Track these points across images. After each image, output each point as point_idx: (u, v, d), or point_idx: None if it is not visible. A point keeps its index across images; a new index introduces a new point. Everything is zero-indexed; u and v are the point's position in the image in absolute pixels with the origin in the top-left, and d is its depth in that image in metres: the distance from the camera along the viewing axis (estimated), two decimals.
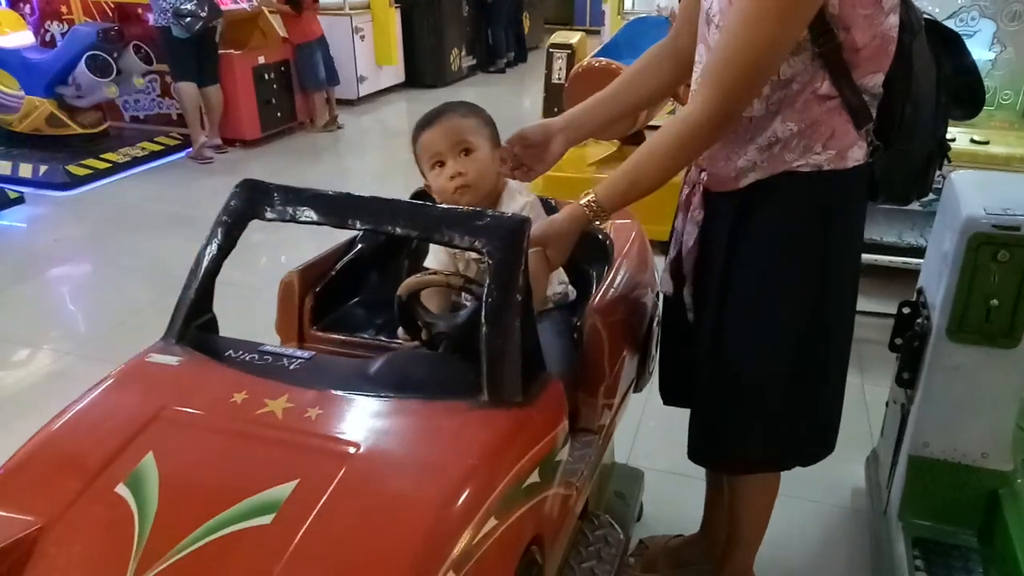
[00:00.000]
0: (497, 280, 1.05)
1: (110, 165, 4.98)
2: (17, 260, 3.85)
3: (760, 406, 1.37)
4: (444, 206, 1.18)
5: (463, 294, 1.33)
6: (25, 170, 4.79)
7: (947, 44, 1.32)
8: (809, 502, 2.10)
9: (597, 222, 1.27)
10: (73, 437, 1.01)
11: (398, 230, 1.12)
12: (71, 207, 4.57)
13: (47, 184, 4.70)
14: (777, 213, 1.26)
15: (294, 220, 1.14)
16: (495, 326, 1.04)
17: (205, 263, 1.16)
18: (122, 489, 0.91)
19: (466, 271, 1.40)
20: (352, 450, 0.95)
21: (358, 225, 1.15)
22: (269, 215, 1.15)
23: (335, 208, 1.14)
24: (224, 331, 1.25)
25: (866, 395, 2.47)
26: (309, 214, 1.14)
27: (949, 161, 1.42)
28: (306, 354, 1.15)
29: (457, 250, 1.35)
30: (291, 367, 1.11)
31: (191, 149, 5.30)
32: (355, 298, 1.61)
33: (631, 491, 1.93)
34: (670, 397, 1.60)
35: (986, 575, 1.63)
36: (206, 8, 4.82)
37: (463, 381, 1.06)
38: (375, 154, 6.05)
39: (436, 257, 1.45)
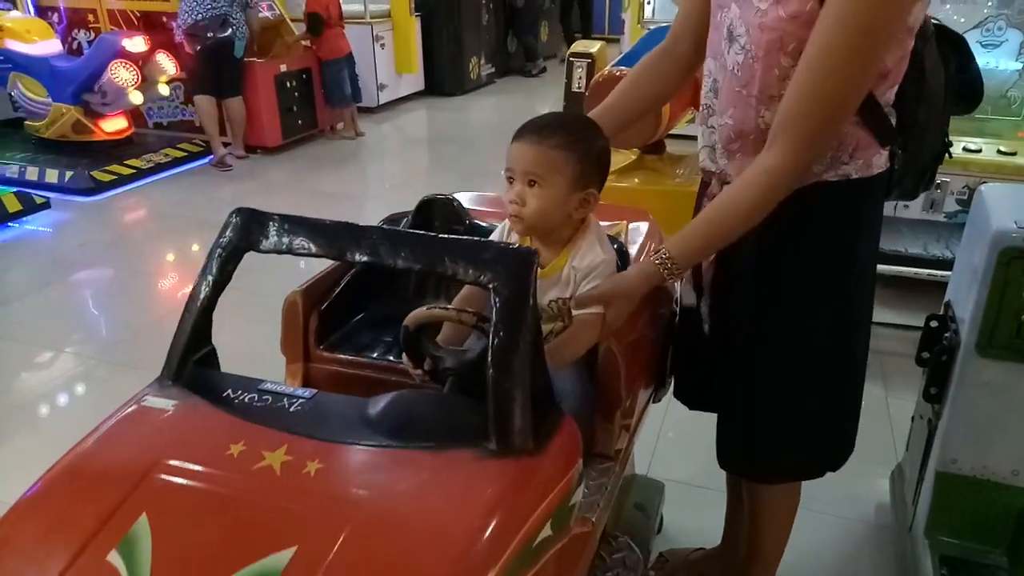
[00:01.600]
0: (504, 318, 0.99)
1: (134, 171, 5.04)
2: (42, 264, 3.90)
3: (793, 412, 1.37)
4: (446, 237, 1.10)
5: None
6: (51, 176, 4.86)
7: (952, 46, 1.32)
8: (833, 517, 2.07)
9: (671, 280, 1.21)
10: (66, 496, 0.97)
11: (399, 263, 1.06)
12: (96, 212, 4.63)
13: (72, 190, 4.77)
14: (808, 224, 1.25)
15: (290, 252, 1.09)
16: (502, 369, 0.98)
17: (200, 298, 1.11)
18: (114, 556, 0.87)
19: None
20: (353, 511, 0.90)
21: (357, 258, 1.07)
22: (265, 245, 1.10)
23: (333, 239, 1.09)
24: (232, 343, 1.21)
25: (890, 408, 2.43)
26: (306, 246, 1.09)
27: (951, 156, 1.41)
28: (307, 393, 1.09)
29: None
30: (291, 409, 1.06)
31: (213, 156, 5.35)
32: (360, 314, 1.56)
33: (651, 503, 1.91)
34: (692, 403, 1.59)
35: None
36: (217, 29, 4.91)
37: (471, 425, 1.00)
38: (394, 161, 6.08)
39: (466, 292, 1.34)
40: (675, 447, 2.30)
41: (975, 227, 1.67)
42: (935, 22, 1.28)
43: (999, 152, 2.94)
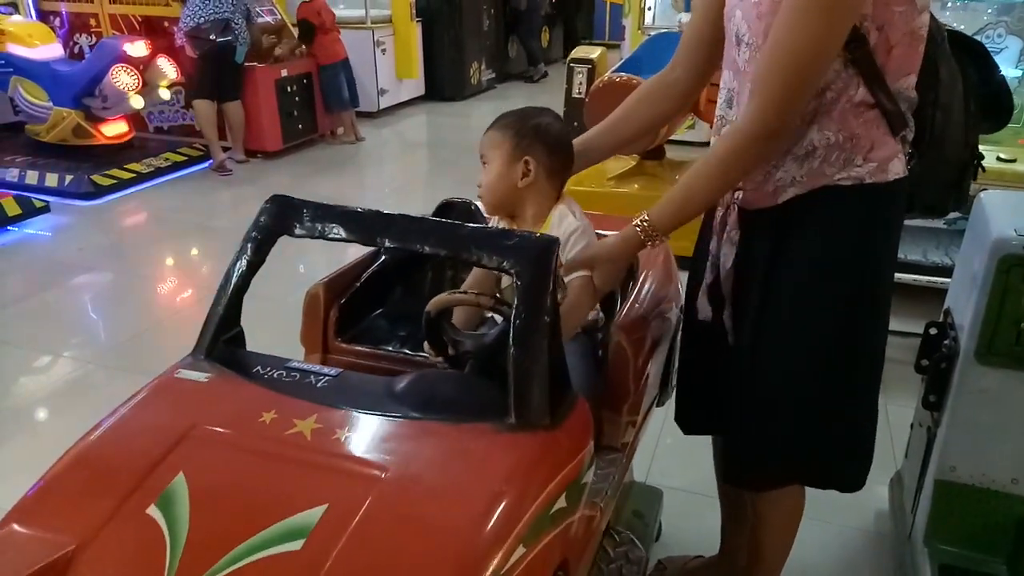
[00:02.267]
0: (525, 301, 1.04)
1: (134, 175, 5.04)
2: (42, 268, 3.90)
3: (804, 424, 1.36)
4: (471, 225, 1.17)
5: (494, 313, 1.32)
6: (51, 179, 4.86)
7: (972, 55, 1.32)
8: (831, 525, 2.06)
9: (650, 244, 1.26)
10: (105, 455, 1.01)
11: (427, 248, 1.12)
12: (95, 217, 4.63)
13: (72, 194, 4.77)
14: (819, 228, 1.24)
15: (323, 237, 1.15)
16: (523, 347, 1.03)
17: (234, 279, 1.16)
18: (153, 511, 0.91)
19: (505, 293, 1.38)
20: (380, 474, 0.94)
21: (387, 243, 1.14)
22: (299, 231, 1.16)
23: (364, 226, 1.15)
24: (247, 341, 1.24)
25: (889, 416, 2.42)
26: (338, 231, 1.14)
27: (983, 170, 1.41)
28: (333, 371, 1.14)
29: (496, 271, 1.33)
30: (319, 384, 1.10)
31: (212, 161, 5.36)
32: (379, 310, 1.61)
33: (650, 510, 1.90)
34: (693, 426, 1.58)
35: None
36: (217, 34, 4.91)
37: (490, 402, 1.05)
38: (395, 166, 6.09)
39: (475, 278, 1.44)
40: (674, 455, 2.29)
41: (975, 234, 1.67)
42: (950, 28, 1.28)
43: (999, 159, 2.94)
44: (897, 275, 2.73)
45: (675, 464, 2.24)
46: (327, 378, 1.12)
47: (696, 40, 1.40)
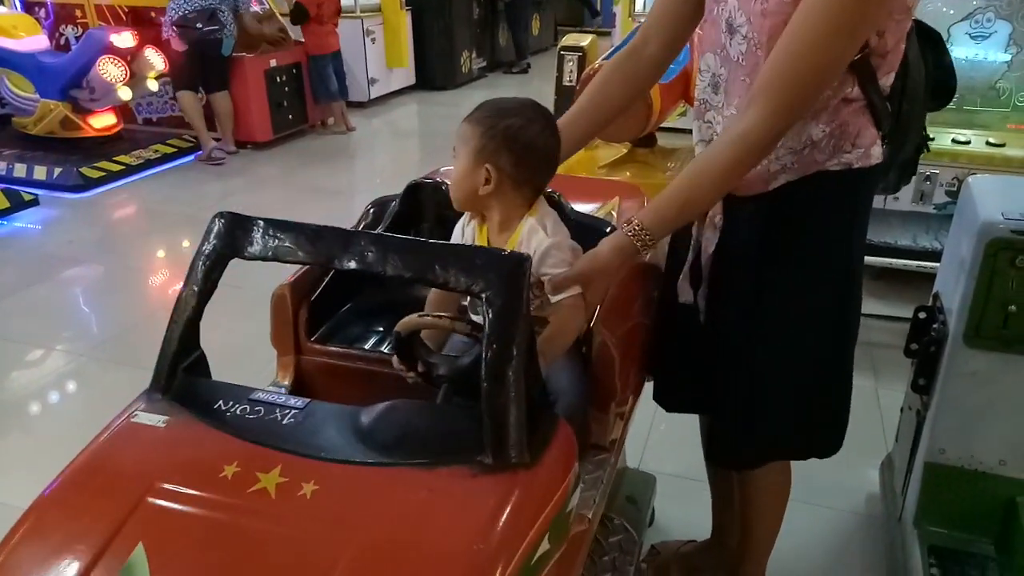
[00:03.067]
0: (497, 329, 0.98)
1: (123, 167, 5.01)
2: (31, 262, 3.88)
3: (792, 401, 1.38)
4: (436, 243, 1.09)
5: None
6: (39, 172, 4.83)
7: (929, 42, 1.34)
8: (823, 508, 2.08)
9: (645, 252, 1.19)
10: (62, 525, 0.96)
11: (388, 270, 1.04)
12: (85, 209, 4.60)
13: (61, 186, 4.74)
14: (810, 213, 1.26)
15: (276, 259, 1.08)
16: (497, 382, 0.97)
17: (185, 309, 1.10)
18: None
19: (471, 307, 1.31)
20: (350, 537, 0.90)
21: (345, 265, 1.06)
22: (249, 252, 1.09)
23: (320, 245, 1.07)
24: (222, 339, 1.19)
25: (880, 400, 2.44)
26: (292, 252, 1.07)
27: (928, 150, 1.43)
28: (300, 403, 1.08)
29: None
30: (284, 421, 1.05)
31: (201, 152, 5.33)
32: (349, 304, 1.56)
33: (643, 496, 1.92)
34: (674, 404, 1.58)
35: None
36: (204, 24, 4.87)
37: (465, 437, 1.00)
38: (385, 156, 6.07)
39: (433, 297, 1.35)
40: (666, 440, 2.30)
41: (962, 218, 1.68)
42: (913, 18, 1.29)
43: (988, 144, 2.95)
44: (888, 260, 2.80)
45: (668, 450, 2.26)
46: (293, 412, 1.06)
47: (670, 14, 1.37)
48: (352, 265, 1.05)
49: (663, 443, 2.29)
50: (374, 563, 0.88)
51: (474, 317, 1.22)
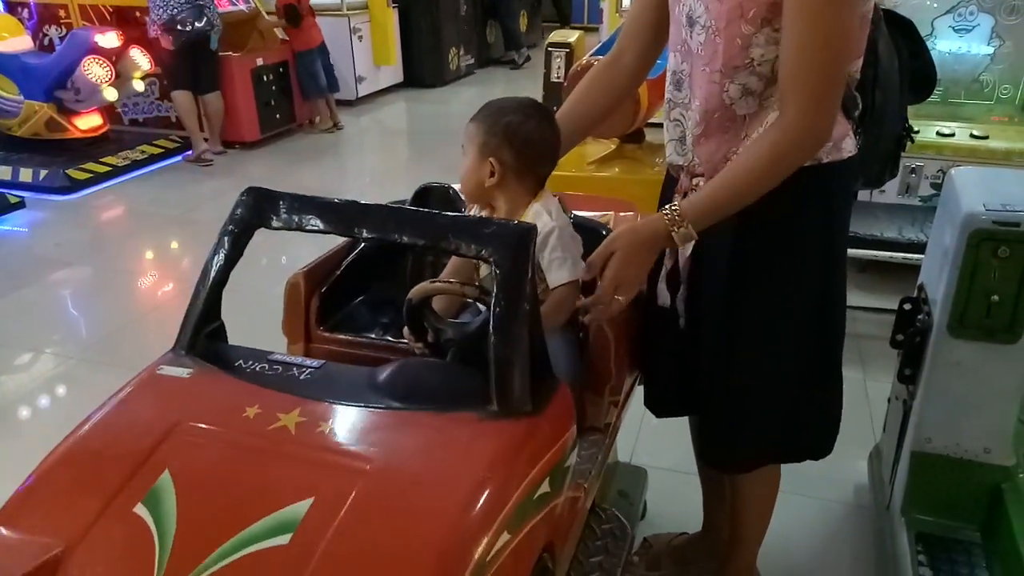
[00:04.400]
0: (504, 289, 1.05)
1: (110, 169, 4.97)
2: (18, 265, 3.85)
3: (779, 403, 1.39)
4: (449, 214, 1.17)
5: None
6: (25, 175, 4.79)
7: (902, 30, 1.36)
8: (812, 499, 2.10)
9: (675, 236, 1.20)
10: (90, 455, 1.01)
11: (404, 238, 1.12)
12: (72, 211, 4.57)
13: (47, 188, 4.70)
14: (781, 210, 1.26)
15: (300, 228, 1.15)
16: (503, 335, 1.04)
17: (212, 273, 1.16)
18: (140, 509, 0.91)
19: (483, 281, 1.38)
20: (365, 466, 0.95)
21: (364, 234, 1.14)
22: (275, 223, 1.16)
23: (341, 217, 1.14)
24: (234, 328, 1.24)
25: (868, 391, 2.47)
26: (315, 222, 1.14)
27: (913, 142, 1.45)
28: (315, 363, 1.14)
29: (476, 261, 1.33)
30: (301, 377, 1.11)
31: (190, 152, 5.30)
32: (360, 297, 1.61)
33: (634, 490, 1.93)
34: (664, 410, 1.59)
35: (989, 570, 1.64)
36: (194, 21, 4.84)
37: (472, 391, 1.06)
38: (374, 154, 6.06)
39: (454, 266, 1.44)
40: (657, 435, 2.31)
41: (946, 210, 1.70)
42: (884, 8, 1.30)
43: (972, 136, 2.98)
44: (873, 252, 2.82)
45: (659, 444, 2.27)
46: (309, 370, 1.12)
47: (640, 25, 1.40)
48: (372, 234, 1.13)
49: (654, 438, 2.31)
50: (387, 488, 0.93)
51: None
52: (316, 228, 1.14)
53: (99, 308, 3.45)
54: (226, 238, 1.16)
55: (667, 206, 1.20)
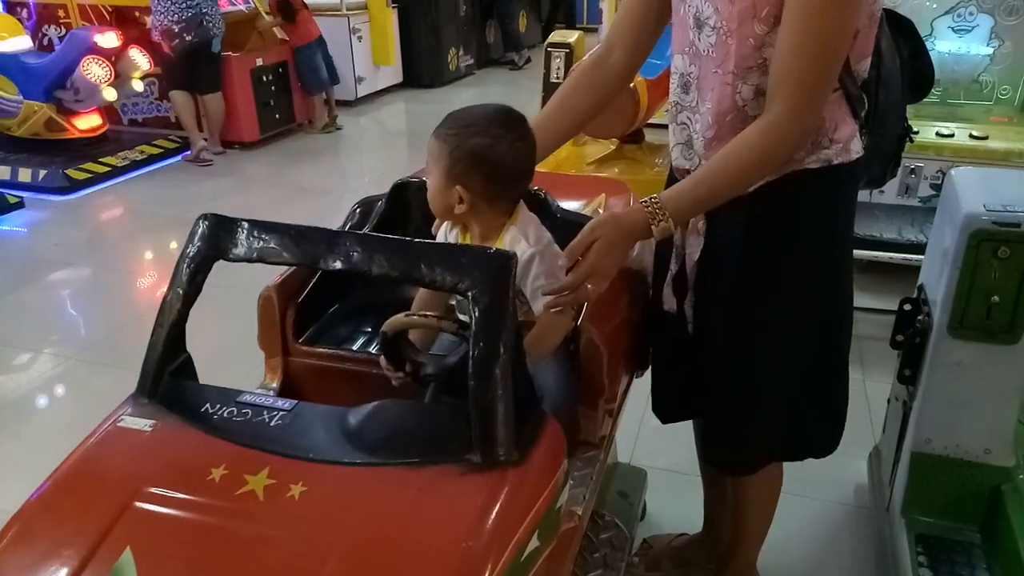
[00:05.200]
0: (483, 327, 0.98)
1: (109, 169, 4.97)
2: (17, 265, 3.85)
3: (786, 403, 1.38)
4: (423, 242, 1.07)
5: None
6: (24, 175, 4.78)
7: (901, 30, 1.35)
8: (812, 500, 2.10)
9: (657, 234, 1.18)
10: (50, 530, 0.95)
11: (374, 270, 1.04)
12: (71, 211, 4.56)
13: (46, 188, 4.70)
14: (791, 212, 1.26)
15: (261, 260, 1.07)
16: (484, 380, 0.97)
17: (171, 312, 1.09)
18: None
19: (460, 306, 1.31)
20: (340, 538, 0.90)
21: (331, 265, 1.06)
22: (234, 254, 1.08)
23: (305, 246, 1.07)
24: (209, 341, 1.19)
25: (867, 392, 2.47)
26: (277, 253, 1.07)
27: (912, 141, 1.44)
28: (287, 404, 1.08)
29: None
30: (272, 423, 1.04)
31: (190, 152, 5.29)
32: (336, 305, 1.55)
33: (634, 491, 1.92)
34: (671, 416, 1.58)
35: (989, 571, 1.64)
36: (193, 32, 4.83)
37: (454, 436, 1.00)
38: (373, 154, 6.05)
39: (422, 297, 1.35)
40: (657, 435, 2.30)
41: (945, 210, 1.69)
42: (884, 7, 1.30)
43: (971, 136, 2.98)
44: (873, 253, 2.82)
45: (658, 445, 2.27)
46: (280, 414, 1.06)
47: (632, 21, 1.37)
48: (338, 265, 1.05)
49: (654, 438, 2.30)
50: (363, 563, 0.88)
51: (461, 317, 1.22)
52: (278, 260, 1.07)
53: (98, 308, 3.45)
54: (183, 273, 1.09)
55: (648, 198, 1.18)
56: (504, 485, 0.97)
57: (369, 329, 1.50)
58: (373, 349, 1.44)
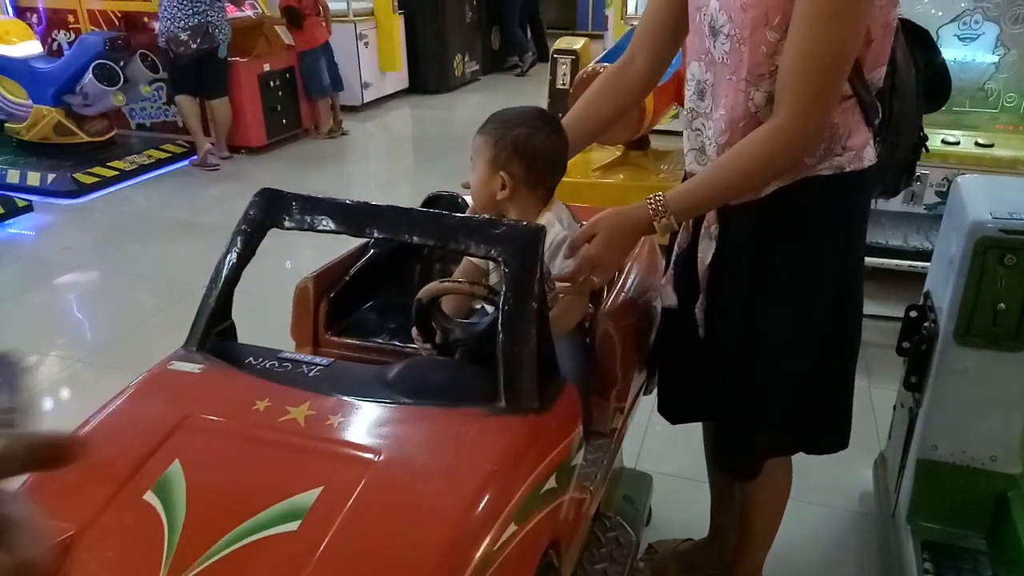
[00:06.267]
0: (513, 288, 1.06)
1: (117, 173, 5.00)
2: (26, 268, 3.87)
3: (793, 406, 1.39)
4: (459, 215, 1.18)
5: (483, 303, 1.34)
6: (33, 178, 4.82)
7: (917, 39, 1.36)
8: (818, 506, 2.10)
9: (656, 226, 1.21)
10: (101, 444, 1.02)
11: (415, 238, 1.13)
12: (79, 215, 4.59)
13: (55, 192, 4.73)
14: (803, 219, 1.27)
15: (312, 229, 1.16)
16: (511, 333, 1.05)
17: (225, 271, 1.18)
18: (150, 496, 0.93)
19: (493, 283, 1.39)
20: (373, 457, 0.96)
21: (375, 234, 1.16)
22: (288, 224, 1.17)
23: (353, 217, 1.16)
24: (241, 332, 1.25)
25: (873, 398, 2.47)
26: (327, 223, 1.16)
27: (927, 151, 1.45)
28: (325, 361, 1.16)
29: (485, 262, 1.36)
30: (311, 374, 1.12)
31: (196, 156, 5.32)
32: (368, 303, 1.62)
33: (640, 495, 1.93)
34: (678, 416, 1.59)
35: None
36: (199, 39, 4.87)
37: (480, 388, 1.08)
38: (379, 160, 6.08)
39: (463, 270, 1.45)
40: (662, 441, 2.32)
41: (952, 218, 1.70)
42: (900, 17, 1.31)
43: (977, 144, 2.98)
44: (879, 260, 2.83)
45: (664, 450, 2.27)
46: (319, 367, 1.14)
47: (655, 30, 1.40)
48: (381, 233, 1.14)
49: (659, 443, 2.31)
50: (395, 479, 0.94)
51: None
52: (328, 228, 1.15)
53: (106, 311, 3.47)
54: (239, 238, 1.18)
55: (652, 195, 1.21)
56: (527, 426, 1.04)
57: (394, 326, 1.56)
58: (398, 341, 1.49)
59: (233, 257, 1.18)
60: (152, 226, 4.46)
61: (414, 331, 1.26)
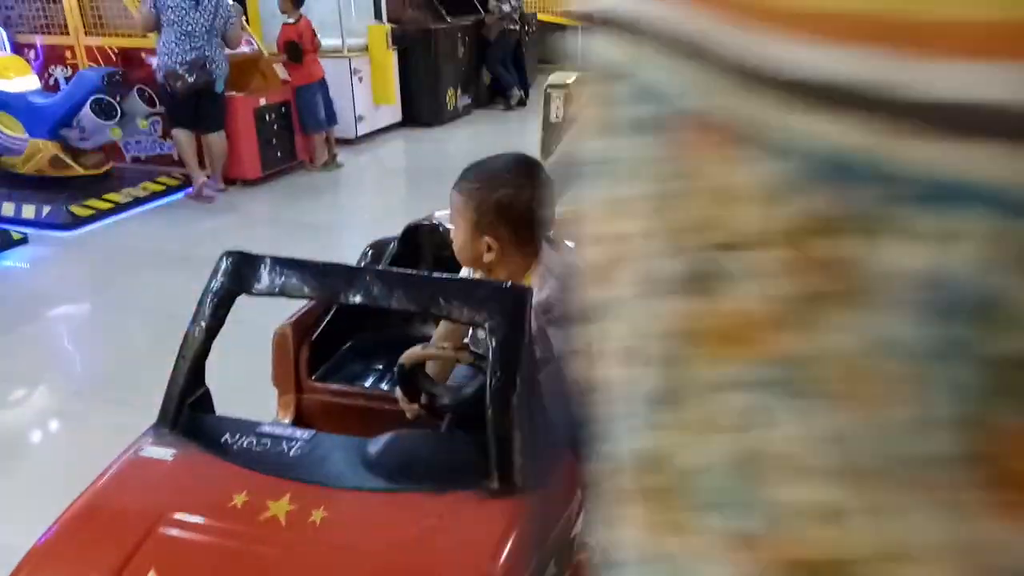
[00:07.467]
0: (500, 358, 1.01)
1: (113, 205, 5.03)
2: (20, 301, 3.87)
3: None
4: (440, 276, 1.12)
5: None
6: (28, 211, 4.84)
7: None
8: None
9: None
10: (74, 552, 0.96)
11: (393, 304, 1.07)
12: (74, 248, 4.61)
13: (50, 225, 4.74)
14: None
15: (283, 294, 1.11)
16: (501, 410, 1.00)
17: (193, 345, 1.12)
18: None
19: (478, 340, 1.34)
20: (362, 562, 0.91)
21: (351, 299, 1.09)
22: (257, 289, 1.12)
23: (326, 281, 1.10)
24: (223, 376, 1.22)
25: None
26: (299, 288, 1.10)
27: None
28: (306, 434, 1.10)
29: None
30: (291, 452, 1.06)
31: (192, 189, 5.36)
32: (349, 342, 1.58)
33: None
34: None
35: None
36: (196, 74, 4.93)
37: (471, 464, 1.02)
38: (374, 192, 6.13)
39: (445, 326, 1.37)
40: None
41: None
42: None
43: None
44: None
45: None
46: (299, 444, 1.08)
47: None
48: (358, 300, 1.08)
49: None
50: None
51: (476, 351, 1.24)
52: (299, 294, 1.11)
53: (100, 345, 3.47)
54: (206, 308, 1.12)
55: None
56: (523, 511, 0.98)
57: (380, 366, 1.52)
58: (384, 386, 1.46)
59: (201, 329, 1.12)
60: (147, 258, 4.47)
61: (398, 392, 1.21)
